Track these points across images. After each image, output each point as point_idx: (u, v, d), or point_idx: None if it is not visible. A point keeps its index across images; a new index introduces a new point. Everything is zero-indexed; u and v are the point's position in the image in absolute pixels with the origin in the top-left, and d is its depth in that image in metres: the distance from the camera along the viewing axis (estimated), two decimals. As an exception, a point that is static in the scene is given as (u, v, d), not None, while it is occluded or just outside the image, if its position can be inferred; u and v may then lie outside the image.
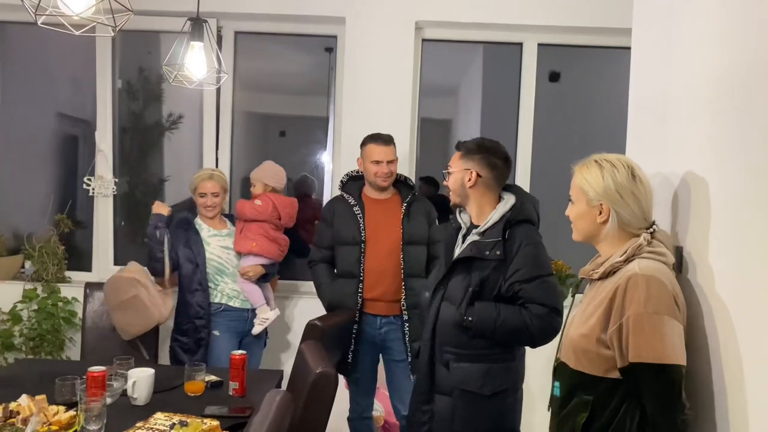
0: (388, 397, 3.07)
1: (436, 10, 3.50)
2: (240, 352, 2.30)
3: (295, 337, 3.59)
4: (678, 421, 1.40)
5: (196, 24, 2.34)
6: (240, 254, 3.11)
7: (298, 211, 3.31)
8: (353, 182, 3.02)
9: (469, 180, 2.10)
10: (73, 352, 3.52)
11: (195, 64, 2.36)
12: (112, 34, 1.44)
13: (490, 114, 5.07)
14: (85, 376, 2.05)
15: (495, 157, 2.11)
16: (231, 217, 3.26)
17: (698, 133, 1.62)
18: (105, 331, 3.12)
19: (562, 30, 3.55)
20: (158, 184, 4.34)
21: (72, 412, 1.87)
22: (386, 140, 2.90)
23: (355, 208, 2.89)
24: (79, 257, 3.81)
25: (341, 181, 3.06)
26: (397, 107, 3.50)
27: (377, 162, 2.86)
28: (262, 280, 3.17)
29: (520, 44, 3.66)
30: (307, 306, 3.59)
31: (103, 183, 3.63)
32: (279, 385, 2.50)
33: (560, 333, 1.70)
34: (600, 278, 1.55)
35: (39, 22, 1.33)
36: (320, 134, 6.21)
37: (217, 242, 3.09)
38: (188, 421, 1.87)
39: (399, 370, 2.90)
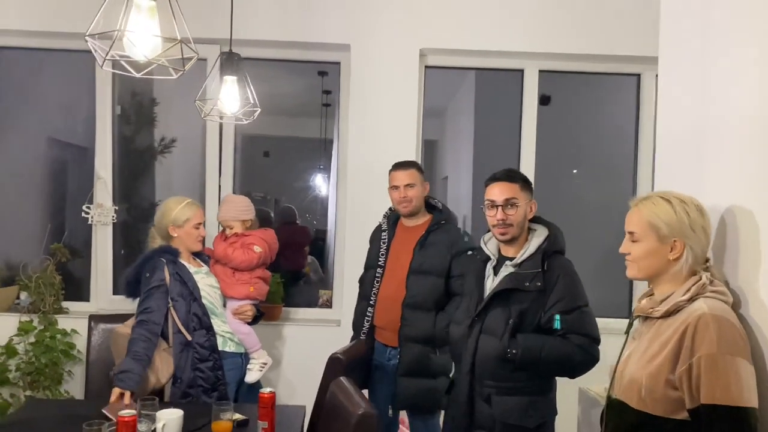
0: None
1: (440, 38, 3.55)
2: (268, 390, 2.24)
3: (299, 367, 3.52)
4: None
5: (230, 57, 2.31)
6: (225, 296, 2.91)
7: (285, 238, 3.26)
8: (395, 212, 2.98)
9: (531, 211, 2.12)
10: (71, 386, 3.41)
11: (228, 98, 2.32)
12: (175, 76, 1.40)
13: (482, 137, 5.12)
14: (108, 419, 1.97)
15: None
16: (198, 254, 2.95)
17: (741, 166, 1.66)
18: (110, 365, 3.01)
19: (563, 57, 3.63)
20: (149, 209, 4.25)
21: (107, 460, 1.80)
22: (405, 165, 2.88)
23: (383, 234, 2.93)
24: (76, 287, 3.70)
25: (388, 209, 3.02)
26: (402, 131, 3.53)
27: (395, 187, 2.86)
28: (253, 321, 2.97)
29: (521, 71, 3.71)
30: (305, 333, 3.56)
31: (102, 211, 3.54)
32: (303, 422, 2.44)
33: (614, 370, 1.69)
34: (662, 317, 1.55)
35: (102, 65, 1.28)
36: (312, 154, 6.17)
37: (201, 280, 2.78)
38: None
39: None
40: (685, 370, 1.44)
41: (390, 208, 3.02)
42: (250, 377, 2.88)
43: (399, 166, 2.89)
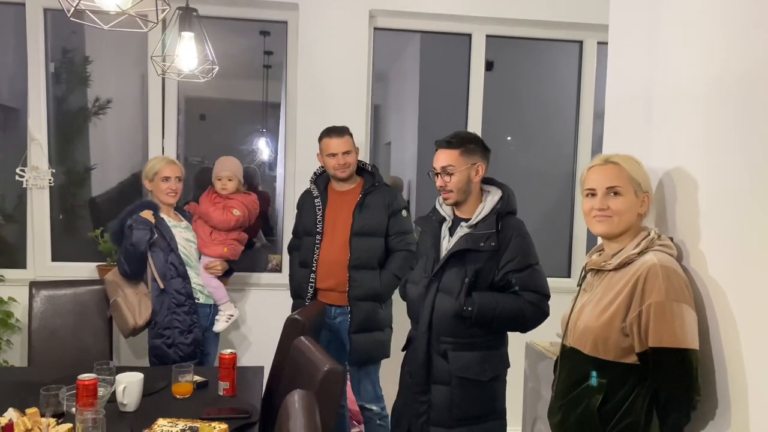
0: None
1: (388, 0, 3.52)
2: (229, 351, 2.25)
3: (250, 329, 3.54)
4: (694, 402, 1.55)
5: (186, 13, 2.22)
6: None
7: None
8: (323, 176, 3.06)
9: (476, 174, 2.16)
10: (10, 355, 3.28)
11: (186, 55, 2.24)
12: (146, 29, 1.35)
13: (427, 101, 5.16)
14: (67, 385, 1.93)
15: (488, 149, 2.19)
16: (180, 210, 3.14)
17: (688, 132, 1.76)
18: (54, 332, 2.93)
19: (510, 22, 3.68)
20: (84, 173, 4.08)
21: (68, 425, 1.77)
22: (339, 132, 2.93)
23: (317, 200, 2.98)
24: (11, 254, 3.53)
25: (314, 174, 3.09)
26: (351, 95, 3.51)
27: (332, 155, 2.90)
28: (224, 275, 3.13)
29: (469, 35, 3.75)
30: (256, 298, 3.57)
31: (38, 174, 3.38)
32: (262, 381, 2.46)
33: (566, 322, 1.80)
34: (614, 269, 1.66)
35: (69, 14, 1.22)
36: (252, 118, 6.05)
37: (179, 234, 2.96)
38: (197, 425, 1.81)
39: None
40: (635, 317, 1.56)
41: (315, 173, 3.08)
42: (218, 327, 3.05)
43: (333, 132, 2.93)
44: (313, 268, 2.91)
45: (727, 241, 1.58)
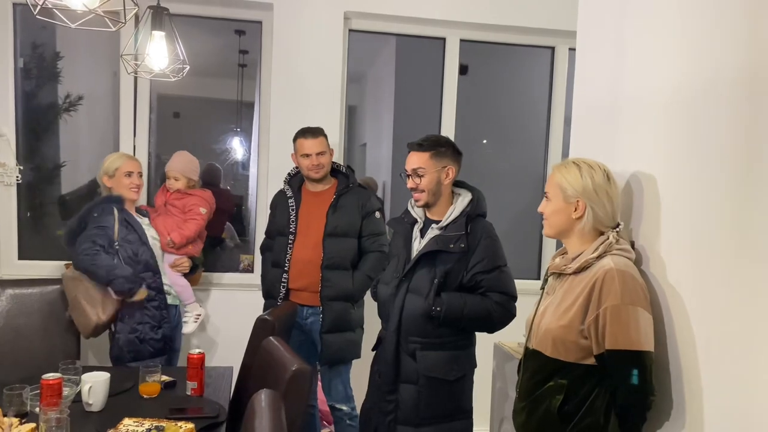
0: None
1: (364, 2, 3.54)
2: (198, 351, 2.24)
3: (221, 330, 3.53)
4: (649, 402, 1.59)
5: (158, 12, 2.21)
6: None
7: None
8: (297, 176, 3.07)
9: (447, 177, 2.19)
10: (-27, 355, 3.22)
11: (156, 54, 2.23)
12: (113, 29, 1.34)
13: (403, 104, 5.19)
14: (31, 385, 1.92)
15: (459, 152, 2.23)
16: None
17: (650, 139, 1.81)
18: (19, 332, 2.88)
19: (484, 27, 3.73)
20: (54, 170, 4.03)
21: (31, 425, 1.75)
22: (314, 133, 2.94)
23: (290, 201, 2.98)
24: (-25, 252, 3.46)
25: (288, 174, 3.09)
26: (326, 95, 3.52)
27: (306, 155, 2.91)
28: (189, 273, 3.11)
29: (443, 39, 3.79)
30: (228, 298, 3.56)
31: (5, 170, 3.33)
32: (230, 382, 2.46)
33: (530, 324, 1.83)
34: (573, 273, 1.70)
35: (36, 12, 1.21)
36: (226, 117, 6.00)
37: (145, 231, 2.91)
38: (164, 425, 1.81)
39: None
40: (593, 320, 1.60)
41: (289, 174, 3.09)
42: (188, 328, 3.07)
43: (308, 133, 2.94)
44: (286, 268, 2.91)
45: (685, 248, 1.63)
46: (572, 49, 3.79)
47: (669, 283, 1.68)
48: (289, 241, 2.92)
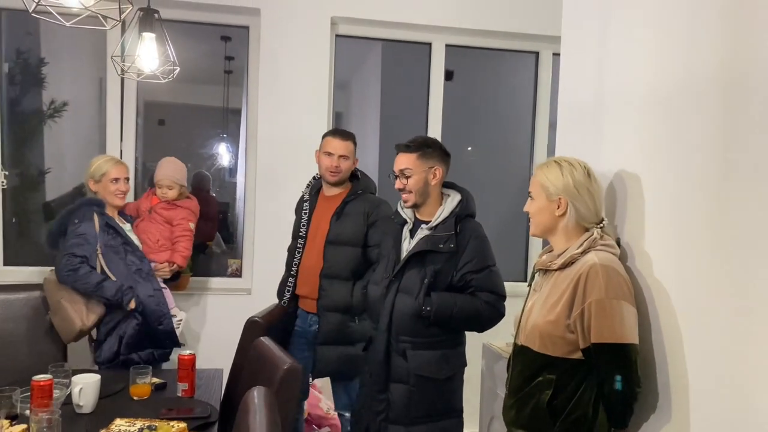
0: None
1: (351, 7, 3.58)
2: (188, 352, 2.24)
3: (210, 334, 3.52)
4: (635, 394, 1.63)
5: (148, 14, 2.22)
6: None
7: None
8: (318, 181, 2.95)
9: (434, 177, 2.22)
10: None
11: (147, 56, 2.24)
12: (108, 27, 1.35)
13: (389, 109, 5.22)
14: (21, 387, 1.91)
15: (447, 153, 2.26)
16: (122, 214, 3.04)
17: (634, 137, 1.86)
18: (6, 337, 2.86)
19: (469, 32, 3.78)
20: (39, 176, 4.01)
21: (22, 426, 1.74)
22: (344, 135, 2.83)
23: (305, 204, 2.88)
24: (-41, 258, 3.44)
25: (313, 178, 2.98)
26: (313, 101, 3.54)
27: (329, 154, 2.77)
28: (172, 279, 3.08)
29: (429, 44, 3.83)
30: (216, 302, 3.56)
31: (-10, 176, 3.30)
32: (221, 383, 2.46)
33: (518, 321, 1.86)
34: (559, 269, 1.73)
35: (31, 10, 1.22)
36: (212, 123, 5.98)
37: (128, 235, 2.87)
38: (156, 424, 1.81)
39: None
40: (578, 314, 1.63)
41: (314, 177, 2.98)
42: None
43: (338, 134, 2.83)
44: (293, 273, 2.84)
45: (669, 244, 1.67)
46: (556, 54, 3.84)
47: (654, 278, 1.72)
48: (299, 246, 2.83)
